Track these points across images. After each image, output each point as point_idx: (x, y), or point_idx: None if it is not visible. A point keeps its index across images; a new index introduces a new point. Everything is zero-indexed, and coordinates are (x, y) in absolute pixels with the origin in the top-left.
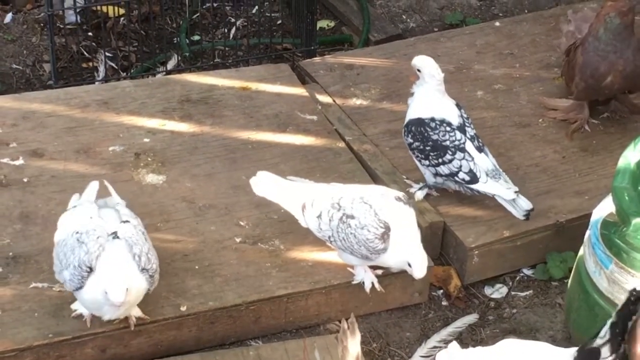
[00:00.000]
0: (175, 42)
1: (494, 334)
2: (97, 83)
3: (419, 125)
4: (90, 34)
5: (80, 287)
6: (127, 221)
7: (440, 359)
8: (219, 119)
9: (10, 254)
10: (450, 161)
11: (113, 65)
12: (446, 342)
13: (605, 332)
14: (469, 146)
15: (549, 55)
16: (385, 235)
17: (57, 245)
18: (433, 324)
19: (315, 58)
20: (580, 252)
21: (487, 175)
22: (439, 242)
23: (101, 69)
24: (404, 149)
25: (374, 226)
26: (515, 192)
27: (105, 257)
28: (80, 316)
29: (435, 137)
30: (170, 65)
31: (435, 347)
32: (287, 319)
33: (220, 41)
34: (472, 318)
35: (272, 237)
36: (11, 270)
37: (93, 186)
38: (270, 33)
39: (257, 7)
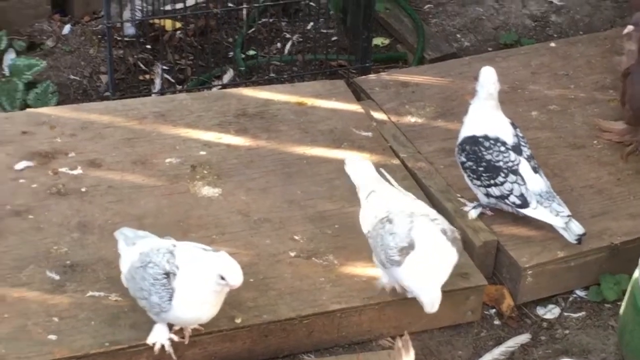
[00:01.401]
0: (230, 56)
1: (546, 354)
2: (153, 95)
3: (474, 145)
4: (147, 46)
5: (171, 296)
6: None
7: None
8: (274, 133)
9: (68, 262)
10: (502, 183)
11: (169, 78)
12: None
13: None
14: (524, 167)
15: (604, 77)
16: (404, 251)
17: (130, 288)
18: (485, 343)
19: (370, 75)
20: (635, 274)
21: (539, 199)
22: (492, 261)
23: (157, 81)
24: (458, 167)
25: (400, 237)
26: (568, 216)
27: (182, 257)
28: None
29: (489, 157)
30: (226, 79)
31: None
32: (339, 334)
33: (275, 56)
34: (524, 338)
35: (326, 252)
36: (68, 279)
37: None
38: (326, 49)
39: (312, 23)
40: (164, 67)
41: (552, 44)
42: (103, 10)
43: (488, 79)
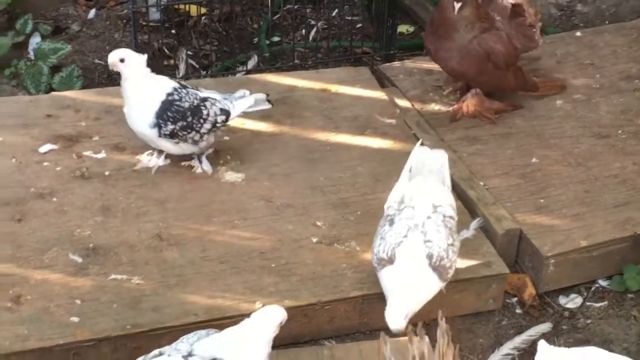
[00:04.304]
0: (255, 42)
1: (568, 343)
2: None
3: (169, 106)
4: (172, 31)
5: None
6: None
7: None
8: (298, 119)
9: (91, 245)
10: (208, 114)
11: (193, 63)
12: (519, 349)
13: None
14: (205, 92)
15: (630, 67)
16: (382, 262)
17: None
18: (506, 331)
19: (394, 62)
20: None
21: (230, 100)
22: (514, 249)
23: (182, 66)
24: (481, 155)
25: (385, 248)
26: (248, 93)
27: None
28: None
29: (186, 104)
30: (250, 65)
31: (508, 354)
32: (361, 320)
33: (299, 43)
34: (545, 327)
35: (349, 238)
36: (91, 262)
37: None
38: (350, 36)
39: (337, 10)
40: (189, 53)
41: (578, 33)
42: None
43: (132, 52)
